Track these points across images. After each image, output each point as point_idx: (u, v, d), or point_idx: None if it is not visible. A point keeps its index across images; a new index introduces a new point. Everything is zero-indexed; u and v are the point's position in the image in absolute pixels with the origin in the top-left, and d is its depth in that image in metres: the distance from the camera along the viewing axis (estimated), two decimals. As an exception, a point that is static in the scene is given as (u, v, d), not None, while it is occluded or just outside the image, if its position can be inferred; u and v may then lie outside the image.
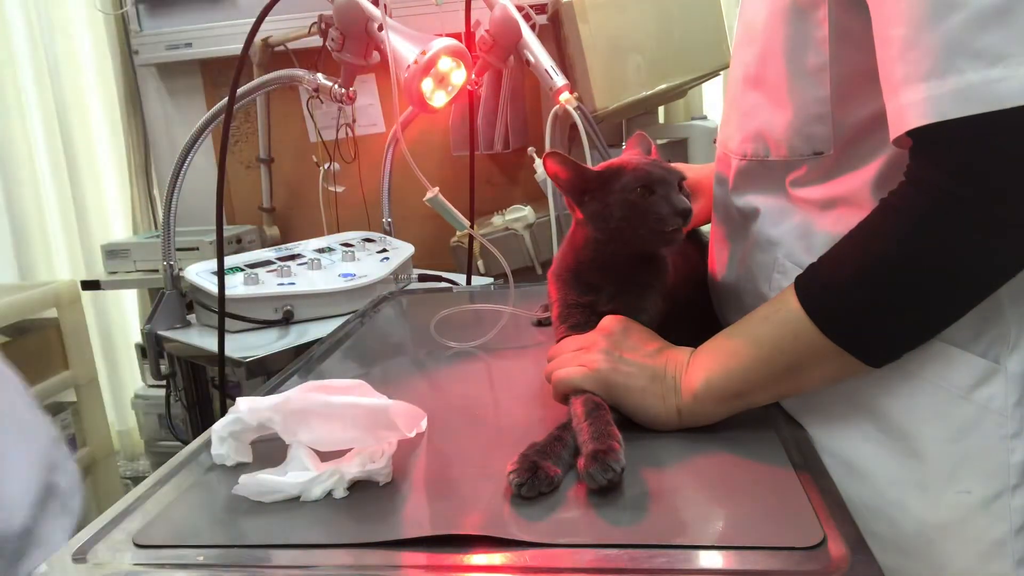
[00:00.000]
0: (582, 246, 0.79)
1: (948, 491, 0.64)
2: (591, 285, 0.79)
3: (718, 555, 0.52)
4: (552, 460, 0.62)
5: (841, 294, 0.62)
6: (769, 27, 0.70)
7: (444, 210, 1.04)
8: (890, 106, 0.58)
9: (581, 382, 0.71)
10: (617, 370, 0.70)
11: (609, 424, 0.64)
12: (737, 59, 0.77)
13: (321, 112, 1.98)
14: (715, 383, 0.67)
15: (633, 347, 0.72)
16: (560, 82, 1.38)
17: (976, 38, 0.53)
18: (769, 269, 0.74)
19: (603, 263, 0.78)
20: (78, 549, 0.58)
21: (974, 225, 0.56)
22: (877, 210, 0.61)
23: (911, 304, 0.60)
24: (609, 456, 0.59)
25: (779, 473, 0.62)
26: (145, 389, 2.37)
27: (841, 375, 0.65)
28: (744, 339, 0.68)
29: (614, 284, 0.78)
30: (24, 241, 2.40)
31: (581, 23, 1.47)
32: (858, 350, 0.62)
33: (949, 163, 0.56)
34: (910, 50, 0.55)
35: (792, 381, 0.66)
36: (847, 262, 0.62)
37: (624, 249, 0.76)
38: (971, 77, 0.52)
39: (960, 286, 0.59)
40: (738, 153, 0.77)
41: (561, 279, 0.82)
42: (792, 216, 0.72)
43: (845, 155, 0.67)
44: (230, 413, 0.69)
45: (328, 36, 1.34)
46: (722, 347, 0.69)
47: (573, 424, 0.67)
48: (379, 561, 0.54)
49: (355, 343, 1.09)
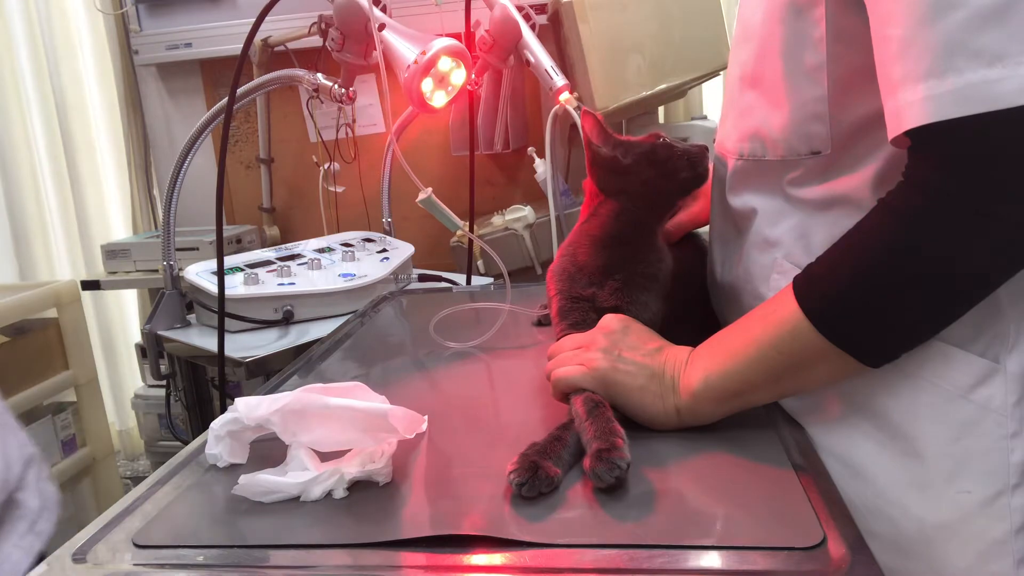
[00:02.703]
0: (600, 225, 0.79)
1: (948, 491, 0.64)
2: (593, 278, 0.79)
3: (718, 555, 0.52)
4: (552, 460, 0.62)
5: (839, 294, 0.62)
6: (766, 26, 0.70)
7: (437, 211, 1.04)
8: (888, 106, 0.58)
9: (580, 381, 0.71)
10: (616, 369, 0.70)
11: (611, 421, 0.64)
12: (734, 58, 0.77)
13: (321, 112, 1.98)
14: (714, 383, 0.67)
15: (633, 346, 0.72)
16: (560, 82, 1.38)
17: (975, 37, 0.52)
18: (768, 269, 0.74)
19: (619, 240, 0.78)
20: (78, 549, 0.58)
21: (973, 225, 0.55)
22: (875, 210, 0.61)
23: (909, 304, 0.59)
24: (614, 454, 0.60)
25: (779, 473, 0.62)
26: (145, 389, 2.38)
27: (840, 375, 0.65)
28: (742, 339, 0.67)
29: (618, 275, 0.78)
30: (24, 241, 2.41)
31: (581, 23, 1.47)
32: (856, 351, 0.62)
33: (948, 163, 0.55)
34: (908, 49, 0.55)
35: (791, 381, 0.66)
36: (845, 262, 0.62)
37: (655, 204, 0.79)
38: (970, 77, 0.52)
39: (959, 286, 0.59)
40: (735, 153, 0.77)
41: (563, 273, 0.82)
42: (790, 216, 0.72)
43: (843, 155, 0.67)
44: (228, 412, 0.69)
45: (328, 36, 1.34)
46: (721, 347, 0.69)
47: (575, 424, 0.67)
48: (379, 561, 0.54)
49: (355, 343, 1.09)
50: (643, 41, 1.51)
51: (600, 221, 0.80)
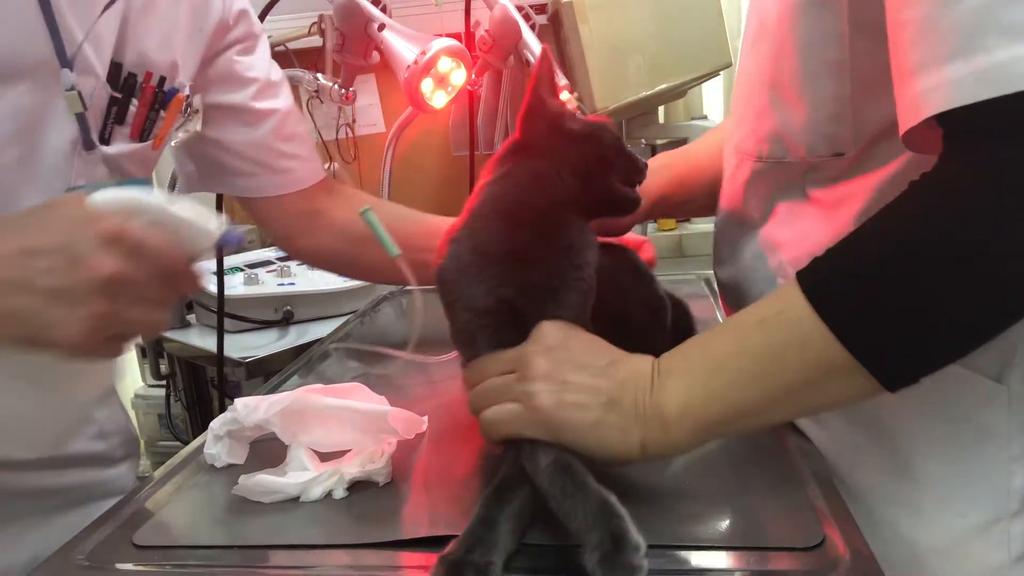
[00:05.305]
0: (515, 193, 0.61)
1: (943, 514, 0.62)
2: (516, 264, 0.59)
3: (718, 555, 0.52)
4: (480, 551, 0.49)
5: (862, 287, 0.51)
6: (784, 22, 0.65)
7: (376, 230, 0.82)
8: (902, 96, 0.51)
9: (520, 427, 0.56)
10: (563, 404, 0.55)
11: (597, 493, 0.51)
12: (748, 57, 0.73)
13: (321, 112, 1.98)
14: (694, 408, 0.54)
15: (579, 364, 0.57)
16: (560, 82, 1.38)
17: (1005, 12, 0.46)
18: (774, 274, 0.71)
19: (541, 216, 0.60)
20: (78, 549, 0.58)
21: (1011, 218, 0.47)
22: (905, 192, 0.52)
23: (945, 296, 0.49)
24: (624, 556, 0.47)
25: (779, 473, 0.62)
26: (145, 389, 2.37)
27: (849, 397, 0.54)
28: (733, 349, 0.55)
29: (540, 265, 0.59)
30: (24, 241, 2.40)
31: (581, 23, 1.47)
32: (878, 365, 0.50)
33: (977, 152, 0.48)
34: (929, 32, 0.49)
35: (792, 404, 0.55)
36: (871, 246, 0.52)
37: (589, 190, 0.62)
38: (1000, 55, 0.46)
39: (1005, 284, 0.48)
40: (753, 154, 0.73)
41: (461, 269, 0.60)
42: (806, 220, 0.68)
43: (867, 156, 0.63)
44: (228, 412, 0.69)
45: (328, 36, 1.34)
46: (703, 358, 0.56)
47: (550, 503, 0.53)
48: (379, 561, 0.54)
49: (355, 343, 1.08)
50: (643, 41, 1.51)
51: (515, 186, 0.61)
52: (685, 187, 0.91)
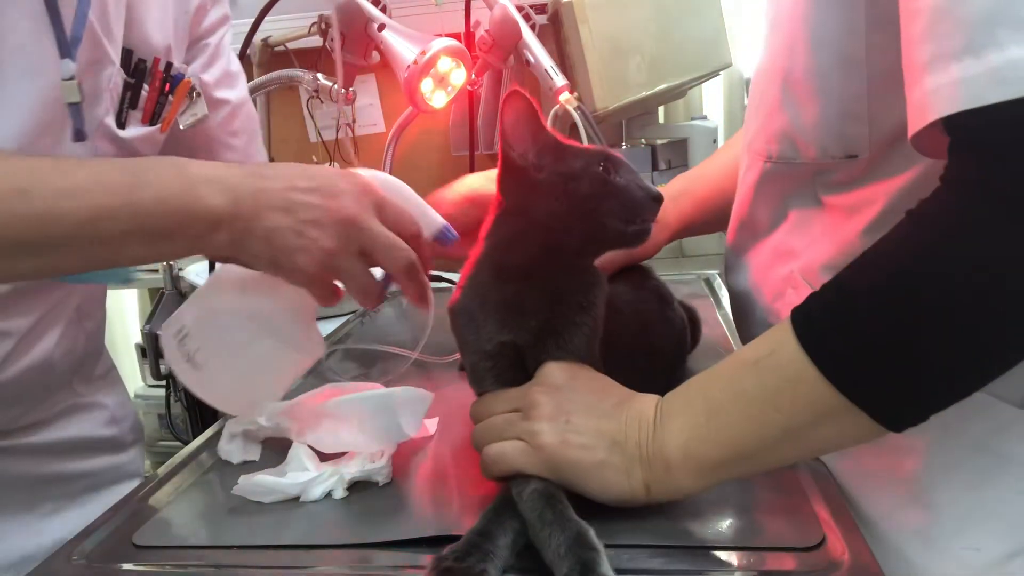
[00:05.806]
0: (498, 251, 0.63)
1: (954, 545, 0.58)
2: (511, 313, 0.61)
3: (718, 555, 0.52)
4: (476, 557, 0.50)
5: (853, 325, 0.48)
6: (798, 14, 0.62)
7: None
8: (912, 95, 0.48)
9: (523, 465, 0.56)
10: (567, 443, 0.55)
11: (575, 524, 0.51)
12: (762, 52, 0.71)
13: (321, 112, 1.98)
14: (695, 450, 0.53)
15: (585, 405, 0.57)
16: (560, 82, 1.38)
17: (1020, 3, 0.43)
18: (783, 284, 0.69)
19: (524, 271, 0.61)
20: (78, 549, 0.58)
21: (1014, 257, 0.44)
22: (901, 221, 0.49)
23: (945, 334, 0.46)
24: None
25: (779, 473, 0.62)
26: (145, 389, 2.37)
27: (853, 438, 0.51)
28: (729, 390, 0.53)
29: (543, 307, 0.61)
30: (24, 241, 2.40)
31: (581, 23, 1.47)
32: (875, 405, 0.48)
33: (989, 159, 0.45)
34: (939, 24, 0.45)
35: (795, 445, 0.52)
36: (863, 280, 0.49)
37: (574, 240, 0.61)
38: (1014, 52, 0.42)
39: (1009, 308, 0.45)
40: (763, 154, 0.70)
41: (469, 313, 0.63)
42: (818, 226, 0.66)
43: (884, 160, 0.60)
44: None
45: (328, 36, 1.34)
46: (702, 400, 0.55)
47: (529, 532, 0.53)
48: (379, 561, 0.54)
49: (355, 343, 1.08)
50: (643, 41, 1.51)
51: (495, 247, 0.63)
52: (707, 209, 0.89)
